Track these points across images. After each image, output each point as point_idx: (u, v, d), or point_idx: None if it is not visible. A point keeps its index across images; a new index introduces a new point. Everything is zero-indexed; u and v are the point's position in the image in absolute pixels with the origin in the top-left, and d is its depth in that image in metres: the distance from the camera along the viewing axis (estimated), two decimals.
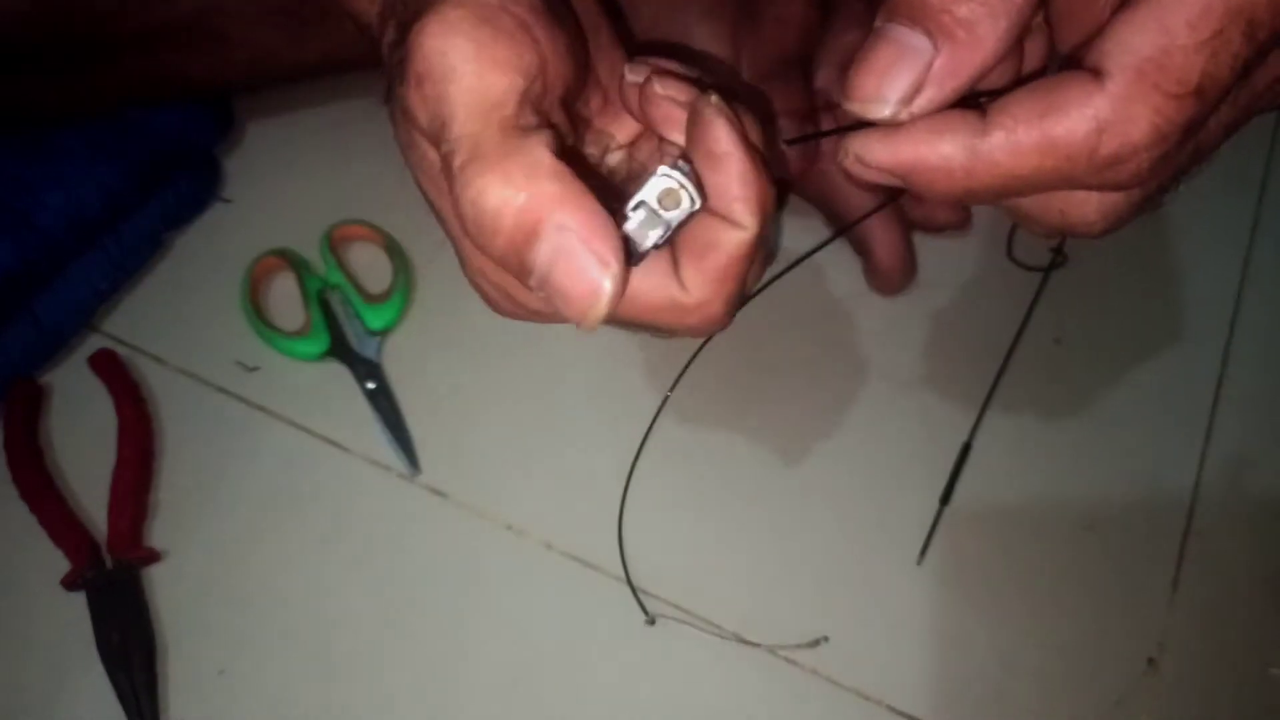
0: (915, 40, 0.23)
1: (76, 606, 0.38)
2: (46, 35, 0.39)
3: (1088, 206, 0.26)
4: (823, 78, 0.45)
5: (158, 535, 0.41)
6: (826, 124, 0.44)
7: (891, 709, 0.38)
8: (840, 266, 0.47)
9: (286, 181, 0.50)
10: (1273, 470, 0.43)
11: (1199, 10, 0.21)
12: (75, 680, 0.38)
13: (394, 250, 0.47)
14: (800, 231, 0.48)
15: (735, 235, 0.26)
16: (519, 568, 0.40)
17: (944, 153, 0.23)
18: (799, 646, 0.39)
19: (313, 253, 0.47)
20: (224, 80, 0.44)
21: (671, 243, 0.27)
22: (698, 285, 0.27)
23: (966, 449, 0.43)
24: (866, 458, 0.43)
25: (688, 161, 0.26)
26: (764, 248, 0.27)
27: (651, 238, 0.26)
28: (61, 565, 0.39)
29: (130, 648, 0.38)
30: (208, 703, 0.37)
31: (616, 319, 0.27)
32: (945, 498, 0.41)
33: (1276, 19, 0.22)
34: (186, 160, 0.47)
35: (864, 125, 0.25)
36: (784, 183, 0.36)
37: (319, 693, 0.37)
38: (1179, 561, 0.41)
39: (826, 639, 0.39)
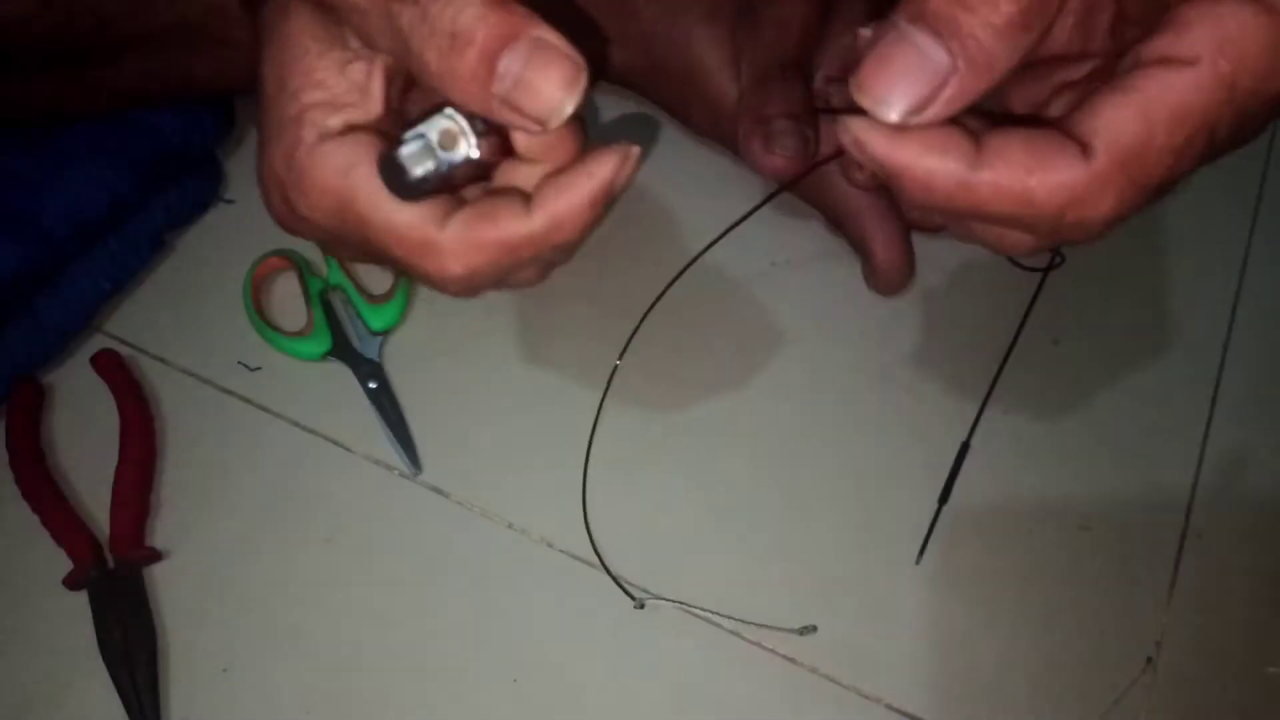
0: (936, 53, 0.24)
1: (78, 606, 0.39)
2: (49, 36, 0.39)
3: (1026, 239, 0.28)
4: (822, 79, 0.45)
5: (160, 534, 0.41)
6: (826, 127, 0.44)
7: (890, 707, 0.38)
8: (839, 265, 0.47)
9: None
10: (1271, 470, 0.43)
11: (1179, 114, 0.24)
12: (77, 679, 0.38)
13: None
14: (800, 232, 0.48)
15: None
16: (520, 566, 0.40)
17: (935, 170, 0.25)
18: (787, 631, 0.39)
19: (314, 253, 0.47)
20: (226, 81, 0.44)
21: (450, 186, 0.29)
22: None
23: (965, 449, 0.43)
24: (865, 457, 0.43)
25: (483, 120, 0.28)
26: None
27: (420, 170, 0.27)
28: (63, 564, 0.39)
29: (132, 646, 0.38)
30: (209, 701, 0.37)
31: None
32: (944, 497, 0.42)
33: (1231, 130, 0.25)
34: (189, 161, 0.47)
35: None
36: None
37: (321, 691, 0.38)
38: (1177, 561, 0.41)
39: (814, 628, 0.39)
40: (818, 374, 0.45)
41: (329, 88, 0.29)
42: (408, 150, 0.27)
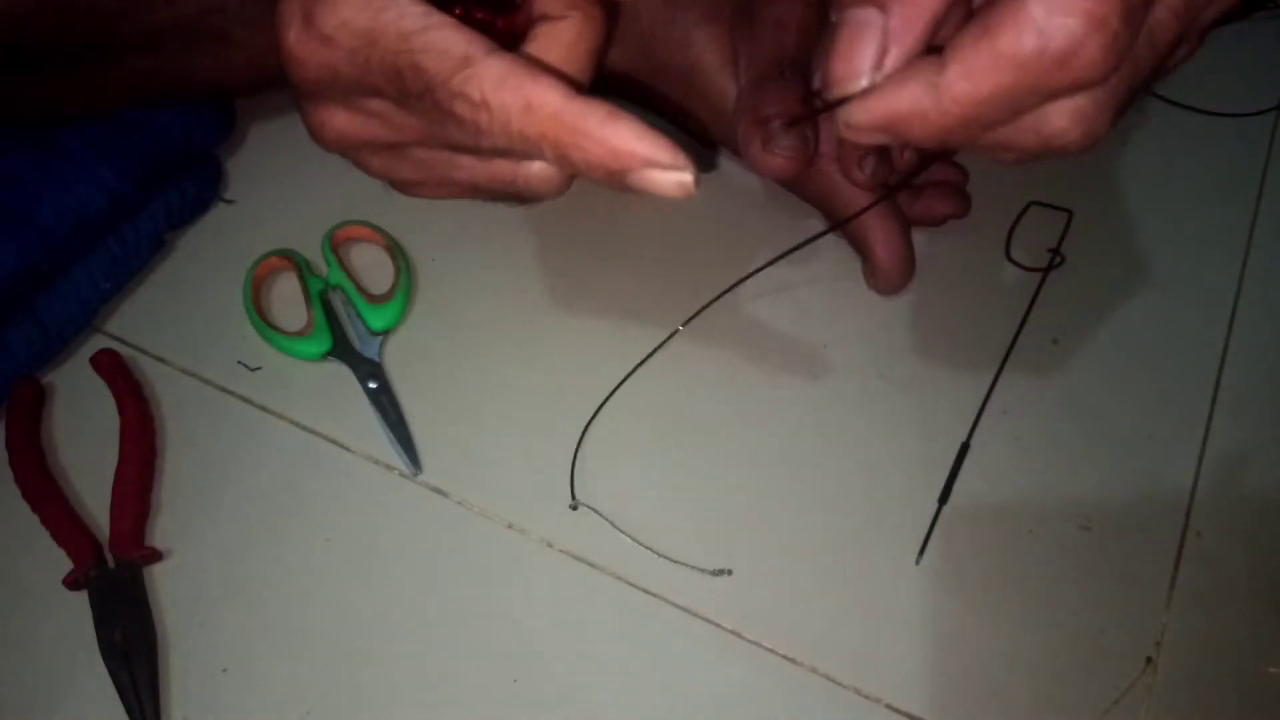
0: (867, 15, 0.25)
1: (78, 605, 0.39)
2: (49, 35, 0.39)
3: (1058, 117, 0.27)
4: (821, 80, 0.45)
5: (160, 534, 0.41)
6: (826, 126, 0.44)
7: (890, 707, 0.38)
8: (839, 265, 0.47)
9: (288, 182, 0.50)
10: (1271, 469, 0.43)
11: None
12: (77, 679, 0.38)
13: (395, 251, 0.47)
14: (798, 232, 0.48)
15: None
16: (520, 566, 0.40)
17: (911, 97, 0.25)
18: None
19: (314, 253, 0.47)
20: (226, 81, 0.44)
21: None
22: None
23: (965, 449, 0.43)
24: (864, 457, 0.43)
25: None
26: None
27: None
28: (64, 564, 0.39)
29: (132, 646, 0.38)
30: (210, 701, 0.37)
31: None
32: (944, 497, 0.42)
33: None
34: (189, 161, 0.48)
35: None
36: None
37: (321, 691, 0.38)
38: (1177, 561, 0.41)
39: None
40: (817, 374, 0.45)
41: None
42: None
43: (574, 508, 0.40)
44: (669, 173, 0.27)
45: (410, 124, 0.30)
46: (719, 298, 0.45)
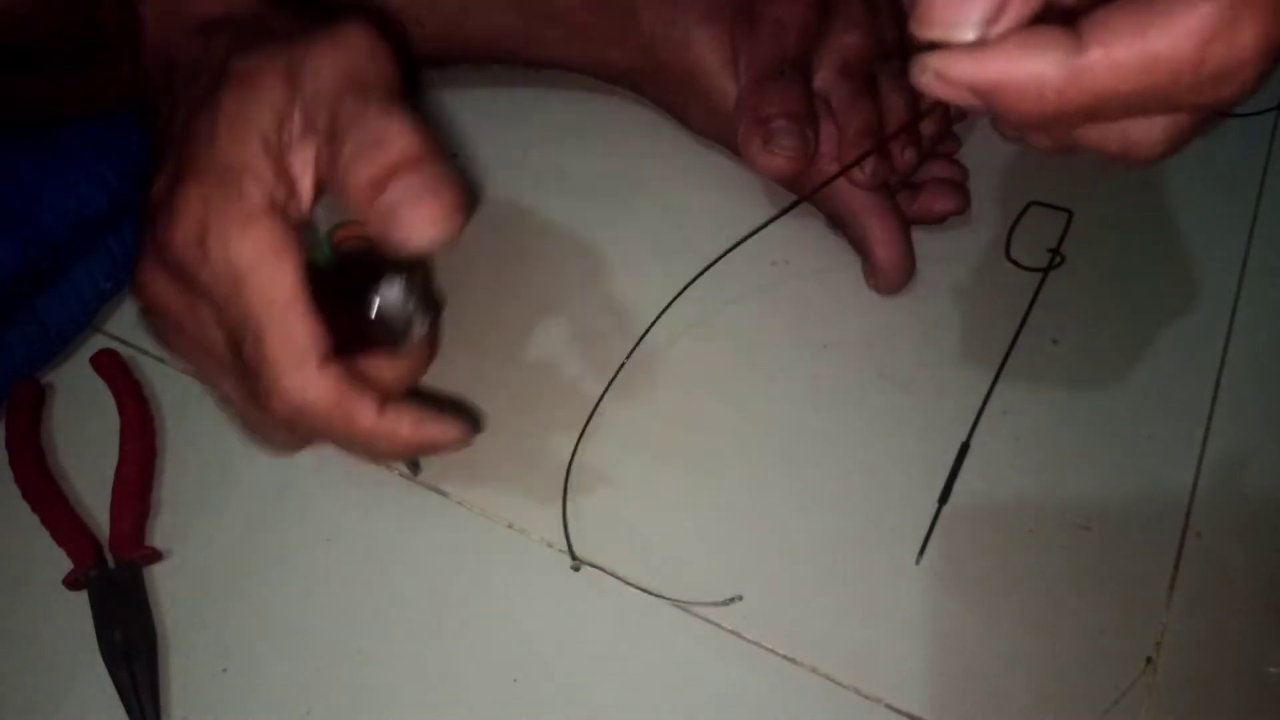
0: None
1: (78, 605, 0.39)
2: (49, 35, 0.39)
3: (1155, 127, 0.24)
4: (821, 79, 0.45)
5: (160, 534, 0.41)
6: (825, 123, 0.44)
7: (890, 707, 0.38)
8: (839, 265, 0.47)
9: None
10: (1271, 469, 0.43)
11: None
12: (77, 679, 0.38)
13: None
14: (799, 231, 0.48)
15: None
16: (520, 566, 0.40)
17: (1036, 70, 0.22)
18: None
19: (314, 253, 0.47)
20: None
21: None
22: None
23: (965, 449, 0.43)
24: (864, 457, 0.43)
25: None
26: None
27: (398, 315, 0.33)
28: (64, 564, 0.39)
29: (132, 646, 0.38)
30: (210, 701, 0.37)
31: None
32: (944, 497, 0.42)
33: None
34: None
35: (936, 48, 0.22)
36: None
37: (321, 691, 0.38)
38: (1177, 561, 0.41)
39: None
40: (817, 374, 0.45)
41: (275, 163, 0.30)
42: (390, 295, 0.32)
43: (576, 568, 0.40)
44: (459, 441, 0.36)
45: (220, 354, 0.32)
46: (695, 280, 0.45)
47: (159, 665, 0.38)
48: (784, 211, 0.42)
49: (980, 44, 0.22)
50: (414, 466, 0.42)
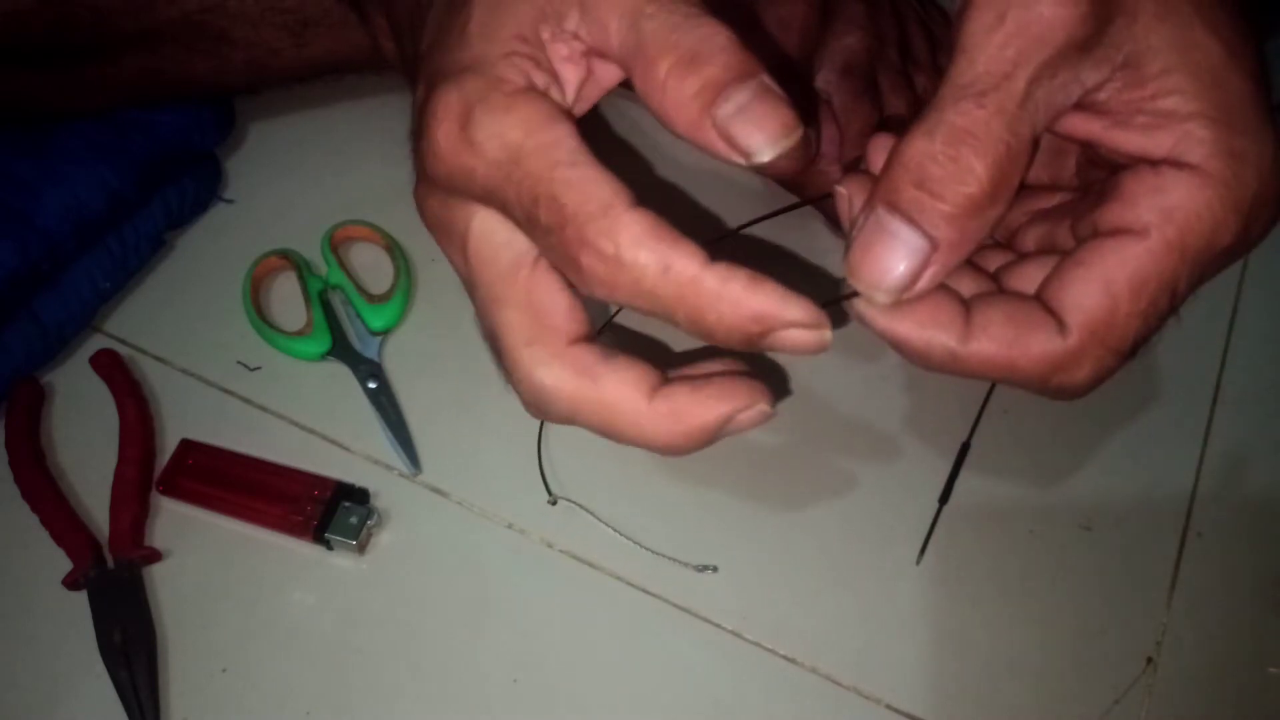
0: (914, 239, 0.26)
1: (78, 606, 0.39)
2: (48, 34, 0.39)
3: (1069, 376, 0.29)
4: (822, 80, 0.45)
5: (159, 534, 0.41)
6: (826, 123, 0.44)
7: (890, 708, 0.38)
8: (838, 266, 0.47)
9: (288, 182, 0.50)
10: (1271, 469, 0.43)
11: (1138, 283, 0.26)
12: (76, 679, 0.38)
13: (395, 251, 0.47)
14: (798, 231, 0.48)
15: None
16: (520, 567, 0.40)
17: (929, 344, 0.27)
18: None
19: (314, 253, 0.47)
20: (226, 80, 0.44)
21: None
22: None
23: (965, 449, 0.43)
24: (864, 457, 0.43)
25: None
26: None
27: None
28: (63, 565, 0.39)
29: (132, 647, 0.38)
30: (209, 701, 0.37)
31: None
32: (944, 497, 0.42)
33: (1191, 284, 0.27)
34: (188, 160, 0.47)
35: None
36: None
37: (321, 691, 0.38)
38: (1177, 561, 0.41)
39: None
40: (816, 375, 0.45)
41: (533, 54, 0.28)
42: None
43: (552, 503, 0.40)
44: (809, 331, 0.27)
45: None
46: None
47: (159, 665, 0.38)
48: (784, 211, 0.42)
49: (894, 306, 0.27)
50: (413, 466, 0.42)
